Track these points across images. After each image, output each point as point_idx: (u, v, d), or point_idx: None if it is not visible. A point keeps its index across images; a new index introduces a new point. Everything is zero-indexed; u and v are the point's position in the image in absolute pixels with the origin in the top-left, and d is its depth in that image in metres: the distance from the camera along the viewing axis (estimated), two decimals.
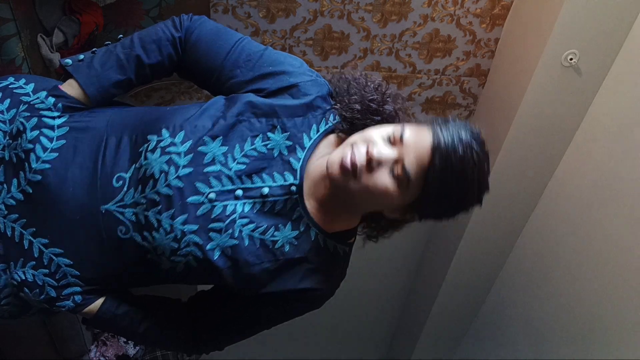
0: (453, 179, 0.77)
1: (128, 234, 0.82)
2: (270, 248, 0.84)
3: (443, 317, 2.71)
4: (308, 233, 0.87)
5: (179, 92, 2.10)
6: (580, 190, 1.91)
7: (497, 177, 2.09)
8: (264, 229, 0.84)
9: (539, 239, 2.17)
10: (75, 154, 0.84)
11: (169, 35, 0.96)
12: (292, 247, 0.85)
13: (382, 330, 3.48)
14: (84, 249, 0.83)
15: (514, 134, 1.95)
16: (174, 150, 0.81)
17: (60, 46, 1.49)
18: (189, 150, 0.81)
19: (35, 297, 0.85)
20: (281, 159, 0.86)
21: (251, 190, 0.83)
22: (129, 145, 0.84)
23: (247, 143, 0.84)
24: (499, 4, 1.94)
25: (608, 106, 1.78)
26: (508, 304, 2.42)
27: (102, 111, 0.91)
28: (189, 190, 0.80)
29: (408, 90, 2.17)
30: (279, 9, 1.88)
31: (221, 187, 0.82)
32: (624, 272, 1.68)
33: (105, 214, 0.82)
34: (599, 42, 1.70)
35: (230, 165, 0.82)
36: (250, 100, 0.85)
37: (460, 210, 0.83)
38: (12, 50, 1.29)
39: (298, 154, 0.87)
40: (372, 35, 1.98)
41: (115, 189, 0.82)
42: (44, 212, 0.83)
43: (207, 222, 0.81)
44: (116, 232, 0.82)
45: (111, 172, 0.83)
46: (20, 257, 0.84)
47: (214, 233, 0.81)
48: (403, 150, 0.79)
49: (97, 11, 1.58)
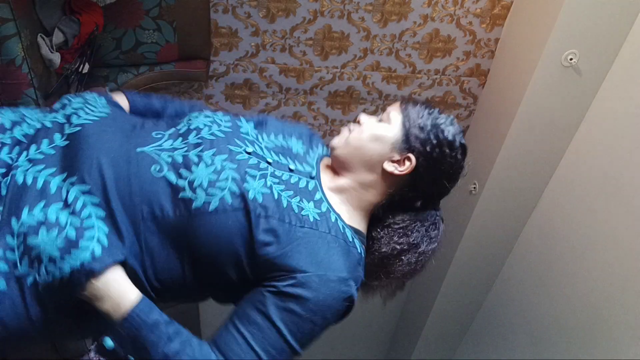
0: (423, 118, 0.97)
1: (162, 173, 0.83)
2: (296, 213, 0.86)
3: (443, 317, 2.71)
4: (328, 216, 0.90)
5: (179, 92, 2.10)
6: (581, 190, 1.91)
7: (498, 177, 2.09)
8: (292, 194, 0.88)
9: (539, 239, 2.17)
10: (115, 120, 0.93)
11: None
12: (315, 221, 0.87)
13: (382, 330, 3.48)
14: (112, 186, 0.81)
15: (514, 134, 1.95)
16: (215, 116, 0.96)
17: (60, 46, 1.49)
18: (229, 120, 0.96)
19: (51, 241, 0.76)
20: (299, 155, 0.99)
21: (280, 163, 0.93)
22: (167, 123, 0.95)
23: (272, 135, 0.99)
24: (499, 4, 1.94)
25: (608, 106, 1.79)
26: (508, 304, 2.42)
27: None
28: (230, 141, 0.90)
29: (408, 90, 2.17)
30: (279, 9, 1.88)
31: (255, 150, 0.91)
32: (624, 272, 1.68)
33: (140, 154, 0.85)
34: (599, 42, 1.70)
35: (261, 140, 0.95)
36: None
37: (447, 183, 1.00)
38: (12, 50, 1.29)
39: (312, 154, 1.02)
40: (372, 35, 1.98)
41: (153, 138, 0.88)
42: (73, 157, 0.84)
43: (244, 167, 0.87)
44: (149, 171, 0.83)
45: (150, 129, 0.91)
46: (40, 200, 0.79)
47: (250, 177, 0.85)
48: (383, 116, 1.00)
49: (97, 11, 1.58)
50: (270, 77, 2.08)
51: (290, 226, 0.83)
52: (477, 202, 2.19)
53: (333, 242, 0.87)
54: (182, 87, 2.09)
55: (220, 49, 1.97)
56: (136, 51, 1.79)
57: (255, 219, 0.81)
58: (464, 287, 2.52)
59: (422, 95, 2.19)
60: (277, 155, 0.94)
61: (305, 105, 2.20)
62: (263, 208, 0.83)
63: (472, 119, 2.28)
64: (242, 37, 1.95)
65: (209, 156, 0.85)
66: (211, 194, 0.82)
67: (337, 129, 2.29)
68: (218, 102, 2.15)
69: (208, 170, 0.83)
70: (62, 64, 1.50)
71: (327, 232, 0.87)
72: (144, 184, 0.82)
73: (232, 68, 2.04)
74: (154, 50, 1.81)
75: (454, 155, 0.99)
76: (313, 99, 2.18)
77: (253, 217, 0.81)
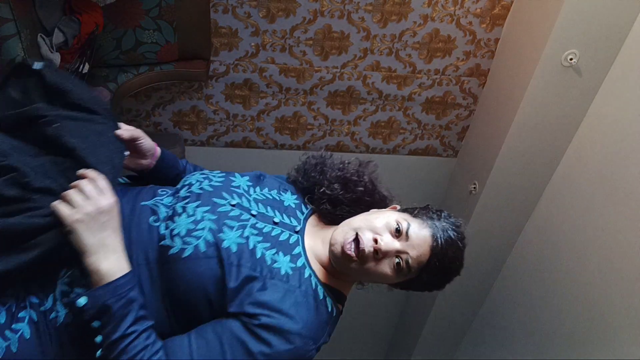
0: (441, 273, 0.94)
1: (157, 223, 0.90)
2: (268, 265, 0.89)
3: (443, 317, 2.71)
4: (303, 271, 0.93)
5: (179, 92, 2.10)
6: (581, 190, 1.91)
7: (498, 177, 2.09)
8: (268, 246, 0.92)
9: (539, 239, 2.17)
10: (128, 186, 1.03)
11: None
12: (287, 274, 0.90)
13: (382, 330, 3.48)
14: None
15: (514, 134, 1.95)
16: (210, 173, 1.02)
17: (60, 46, 1.49)
18: (222, 176, 1.01)
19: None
20: (289, 208, 1.02)
21: (265, 215, 0.97)
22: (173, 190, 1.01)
23: (266, 189, 1.03)
24: (499, 4, 1.94)
25: (608, 106, 1.78)
26: (508, 304, 2.42)
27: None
28: (217, 194, 0.95)
29: (408, 90, 2.17)
30: (279, 9, 1.88)
31: (240, 202, 0.96)
32: (624, 272, 1.68)
33: (143, 207, 0.93)
34: (599, 42, 1.70)
35: (251, 193, 1.00)
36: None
37: (436, 290, 1.01)
38: (12, 50, 1.29)
39: (303, 210, 1.04)
40: (372, 35, 1.98)
41: (158, 194, 0.97)
42: None
43: (224, 218, 0.91)
44: (147, 221, 0.91)
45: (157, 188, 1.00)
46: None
47: (227, 228, 0.90)
48: (407, 245, 0.92)
49: (97, 11, 1.58)
50: (270, 77, 2.08)
51: (261, 276, 0.87)
52: (477, 202, 2.19)
53: (301, 297, 0.89)
54: (182, 87, 2.09)
55: (220, 49, 1.97)
56: (136, 51, 1.79)
57: (228, 267, 0.85)
58: (464, 287, 2.52)
59: (422, 95, 2.19)
60: (265, 207, 0.98)
61: (305, 105, 2.20)
62: (236, 257, 0.87)
63: (472, 119, 2.29)
64: (242, 37, 1.95)
65: (192, 208, 0.91)
66: (187, 242, 0.87)
67: (337, 129, 2.29)
68: (218, 102, 2.15)
69: (188, 220, 0.89)
70: (62, 64, 1.50)
71: (297, 287, 0.89)
72: (141, 233, 0.90)
73: (232, 68, 2.04)
74: (154, 50, 1.81)
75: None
76: (313, 99, 2.18)
77: (226, 265, 0.85)
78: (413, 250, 0.92)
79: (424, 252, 0.92)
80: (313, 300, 0.90)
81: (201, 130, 2.24)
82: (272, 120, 2.24)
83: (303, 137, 2.31)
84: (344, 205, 1.03)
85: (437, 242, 0.92)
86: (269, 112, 2.21)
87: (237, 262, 0.86)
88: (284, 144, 2.33)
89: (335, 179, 1.04)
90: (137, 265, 0.87)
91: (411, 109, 2.25)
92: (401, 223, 0.93)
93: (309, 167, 1.08)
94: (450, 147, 2.42)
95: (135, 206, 0.93)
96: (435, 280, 0.96)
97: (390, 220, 0.94)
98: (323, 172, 1.06)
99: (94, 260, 0.80)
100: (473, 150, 2.29)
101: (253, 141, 2.30)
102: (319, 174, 1.06)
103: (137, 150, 1.02)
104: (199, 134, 2.25)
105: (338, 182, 1.03)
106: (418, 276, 0.94)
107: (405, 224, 0.93)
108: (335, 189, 1.03)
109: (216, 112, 2.18)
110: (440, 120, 2.30)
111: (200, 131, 2.24)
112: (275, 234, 0.95)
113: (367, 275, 0.95)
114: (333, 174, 1.05)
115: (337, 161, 1.08)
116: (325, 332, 0.92)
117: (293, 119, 2.24)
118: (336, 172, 1.05)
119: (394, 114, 2.26)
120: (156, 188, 1.00)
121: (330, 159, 1.08)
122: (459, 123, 2.32)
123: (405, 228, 0.93)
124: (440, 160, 2.46)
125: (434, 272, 0.93)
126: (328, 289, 0.95)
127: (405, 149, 2.41)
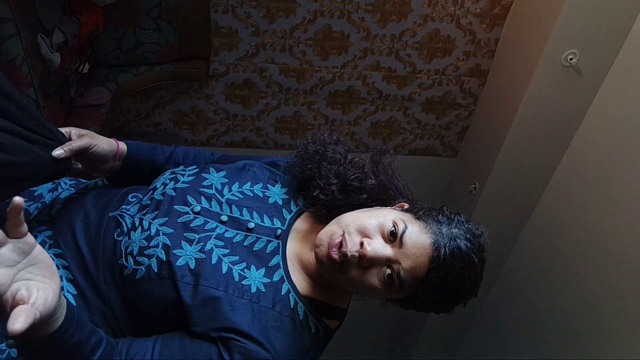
0: (442, 293, 0.76)
1: (121, 237, 0.82)
2: (236, 281, 0.77)
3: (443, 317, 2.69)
4: (280, 286, 0.79)
5: (179, 92, 2.10)
6: (580, 190, 1.91)
7: (497, 178, 2.09)
8: (237, 259, 0.79)
9: (539, 239, 2.17)
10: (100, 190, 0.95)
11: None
12: (259, 292, 0.77)
13: (382, 330, 3.47)
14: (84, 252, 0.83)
15: (514, 134, 1.94)
16: (180, 171, 0.90)
17: (60, 46, 1.49)
18: (193, 174, 0.89)
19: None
20: (275, 206, 0.87)
21: (238, 220, 0.83)
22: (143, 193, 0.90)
23: (247, 184, 0.88)
24: (499, 4, 1.94)
25: (608, 106, 1.78)
26: (508, 304, 2.42)
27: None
28: (179, 200, 0.84)
29: (408, 90, 2.17)
30: (279, 9, 1.88)
31: (208, 207, 0.84)
32: (623, 272, 1.68)
33: (110, 218, 0.85)
34: (599, 42, 1.70)
35: (225, 193, 0.86)
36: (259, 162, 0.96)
37: (443, 312, 0.85)
38: (12, 50, 1.29)
39: (291, 208, 0.89)
40: (372, 35, 1.98)
41: (127, 201, 0.87)
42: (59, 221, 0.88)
43: (183, 231, 0.81)
44: (112, 234, 0.83)
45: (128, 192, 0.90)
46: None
47: (185, 242, 0.79)
48: (400, 254, 0.75)
49: (97, 11, 1.58)
50: (270, 77, 2.08)
51: (226, 294, 0.75)
52: (477, 202, 2.19)
53: (273, 320, 0.76)
54: (182, 87, 2.08)
55: (220, 49, 1.97)
56: (136, 51, 1.79)
57: (183, 287, 0.75)
58: None
59: (422, 95, 2.19)
60: (240, 209, 0.84)
61: (305, 105, 2.20)
62: (193, 275, 0.76)
63: (472, 119, 2.28)
64: (242, 37, 1.95)
65: (147, 220, 0.82)
66: (139, 261, 0.78)
67: (337, 129, 2.29)
68: (218, 102, 2.15)
69: (141, 236, 0.80)
70: (62, 64, 1.50)
71: (270, 308, 0.77)
72: (106, 249, 0.82)
73: (232, 68, 2.04)
74: (154, 50, 1.81)
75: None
76: (313, 99, 2.18)
77: (180, 285, 0.75)
78: (407, 260, 0.74)
79: (420, 264, 0.74)
80: (290, 322, 0.77)
81: (201, 130, 2.24)
82: (272, 120, 2.23)
83: (303, 137, 2.31)
84: (341, 209, 0.85)
85: (439, 252, 0.74)
86: (269, 112, 2.21)
87: (194, 281, 0.76)
88: (284, 144, 2.33)
89: (334, 178, 0.86)
90: (105, 285, 0.79)
91: (411, 109, 2.25)
92: (398, 225, 0.76)
93: (307, 155, 0.91)
94: (450, 147, 2.42)
95: (103, 217, 0.85)
96: (437, 300, 0.78)
97: (386, 220, 0.77)
98: (320, 165, 0.88)
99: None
100: (473, 150, 2.29)
101: (253, 141, 2.30)
102: (316, 166, 0.89)
103: (92, 159, 0.89)
104: (199, 134, 2.25)
105: (335, 185, 0.86)
106: (414, 294, 0.77)
107: (401, 227, 0.76)
108: (332, 191, 0.85)
109: (216, 112, 2.18)
110: (440, 120, 2.30)
111: (200, 131, 2.24)
112: (248, 244, 0.82)
113: (352, 287, 0.79)
114: (331, 171, 0.87)
115: (339, 154, 0.89)
116: (308, 357, 0.80)
117: (293, 119, 2.24)
118: (335, 169, 0.87)
119: (394, 114, 2.26)
120: (129, 193, 0.90)
121: (331, 147, 0.90)
122: (459, 123, 2.31)
123: (400, 230, 0.75)
124: (440, 160, 2.46)
125: (433, 291, 0.76)
126: (313, 304, 0.81)
127: (405, 149, 2.41)
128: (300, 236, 0.87)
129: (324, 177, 0.87)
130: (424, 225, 0.78)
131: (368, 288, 0.77)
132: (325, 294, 0.84)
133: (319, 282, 0.84)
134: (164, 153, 1.01)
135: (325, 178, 0.87)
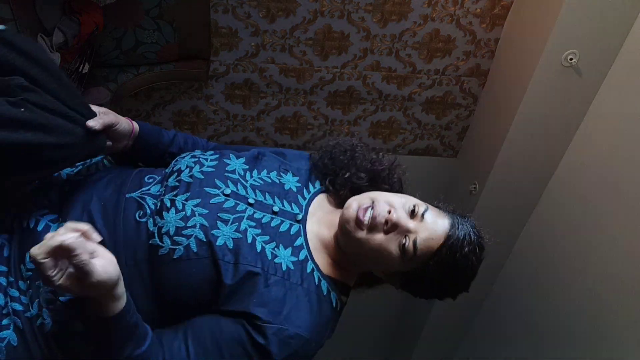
0: (449, 270, 0.87)
1: (144, 219, 0.84)
2: (269, 259, 0.83)
3: (443, 317, 2.71)
4: (305, 265, 0.87)
5: (179, 92, 2.10)
6: (581, 190, 1.91)
7: (497, 178, 2.09)
8: (268, 239, 0.86)
9: (539, 239, 2.17)
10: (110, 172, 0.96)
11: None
12: (288, 270, 0.85)
13: (382, 330, 3.48)
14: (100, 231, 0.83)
15: (514, 134, 1.95)
16: (201, 156, 0.94)
17: (60, 46, 1.49)
18: (215, 159, 0.93)
19: None
20: (290, 192, 0.95)
21: (263, 204, 0.90)
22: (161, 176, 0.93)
23: (264, 172, 0.95)
24: (499, 4, 1.94)
25: (608, 106, 1.78)
26: (508, 304, 2.42)
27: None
28: (208, 183, 0.88)
29: (408, 90, 2.17)
30: (279, 9, 1.88)
31: (236, 190, 0.89)
32: (624, 272, 1.68)
33: (128, 200, 0.86)
34: (599, 42, 1.70)
35: (248, 178, 0.92)
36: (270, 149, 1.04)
37: (437, 297, 0.95)
38: None
39: (305, 194, 0.97)
40: (372, 35, 1.98)
41: (145, 183, 0.90)
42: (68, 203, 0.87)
43: (217, 211, 0.84)
44: (134, 215, 0.84)
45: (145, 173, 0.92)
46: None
47: (221, 222, 0.83)
48: (420, 227, 0.87)
49: (97, 11, 1.58)
50: (270, 77, 2.08)
51: (263, 271, 0.82)
52: (477, 202, 2.19)
53: (303, 295, 0.84)
54: (182, 87, 2.09)
55: (220, 49, 1.97)
56: (136, 51, 1.79)
57: (224, 266, 0.80)
58: None
59: (422, 95, 2.19)
60: (263, 194, 0.91)
61: (305, 105, 2.20)
62: (233, 254, 0.81)
63: (472, 119, 2.29)
64: (242, 37, 1.95)
65: (180, 201, 0.84)
66: (177, 241, 0.80)
67: (337, 129, 2.29)
68: (218, 102, 2.15)
69: (177, 216, 0.82)
70: (62, 64, 1.50)
71: (299, 284, 0.84)
72: (128, 231, 0.83)
73: (232, 68, 2.04)
74: (154, 50, 1.81)
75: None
76: (313, 99, 2.18)
77: (221, 264, 0.80)
78: (425, 231, 0.87)
79: (436, 237, 0.87)
80: (316, 298, 0.86)
81: (201, 130, 2.24)
82: (272, 120, 2.24)
83: (303, 137, 2.31)
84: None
85: (455, 231, 0.87)
86: (269, 112, 2.21)
87: (235, 260, 0.81)
88: (284, 144, 2.33)
89: (364, 170, 1.00)
90: (125, 266, 0.81)
91: (411, 109, 2.25)
92: (419, 206, 0.89)
93: (338, 151, 1.03)
94: (450, 147, 2.42)
95: (120, 199, 0.86)
96: (442, 275, 0.88)
97: (409, 200, 0.90)
98: (354, 158, 1.01)
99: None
100: (473, 150, 2.30)
101: (253, 141, 2.30)
102: (349, 159, 1.01)
103: (114, 137, 0.94)
104: (199, 133, 2.25)
105: (366, 173, 0.99)
106: (423, 267, 0.87)
107: (423, 208, 0.89)
108: (362, 178, 0.99)
109: (216, 112, 2.18)
110: (440, 120, 2.30)
111: (200, 131, 2.24)
112: (275, 225, 0.88)
113: (370, 251, 0.87)
114: (363, 164, 1.01)
115: (369, 153, 1.04)
116: (328, 329, 0.88)
117: (293, 119, 2.24)
118: (367, 164, 1.01)
119: (394, 114, 2.27)
120: (143, 174, 0.92)
121: (360, 149, 1.04)
122: (459, 123, 2.32)
123: (421, 211, 0.88)
124: (440, 160, 2.46)
125: (442, 265, 0.86)
126: (332, 282, 0.90)
127: (405, 149, 2.41)
128: (316, 219, 0.95)
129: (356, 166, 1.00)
130: (442, 212, 0.92)
131: (385, 252, 0.87)
132: (339, 272, 0.93)
133: (335, 260, 0.93)
134: (168, 136, 1.06)
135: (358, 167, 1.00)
